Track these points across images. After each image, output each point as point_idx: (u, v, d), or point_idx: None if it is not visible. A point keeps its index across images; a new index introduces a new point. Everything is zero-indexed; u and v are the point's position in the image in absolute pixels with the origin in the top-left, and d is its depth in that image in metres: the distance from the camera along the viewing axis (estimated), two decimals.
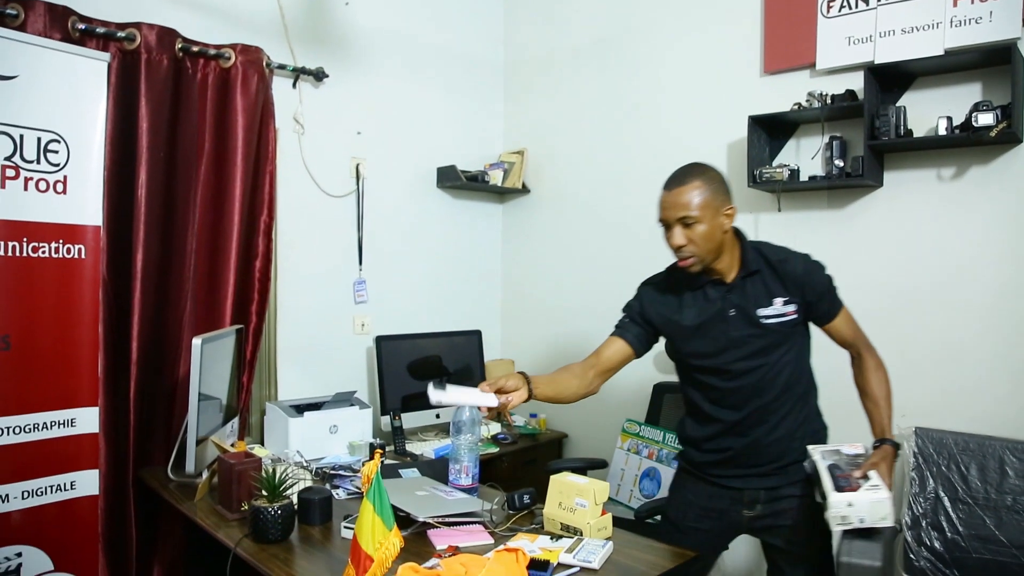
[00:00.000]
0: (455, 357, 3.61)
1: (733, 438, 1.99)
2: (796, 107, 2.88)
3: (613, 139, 3.65)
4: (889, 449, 1.87)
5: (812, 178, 2.85)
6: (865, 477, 1.78)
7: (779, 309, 1.91)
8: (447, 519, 1.97)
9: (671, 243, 1.90)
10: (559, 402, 2.05)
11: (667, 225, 1.91)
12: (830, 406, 2.12)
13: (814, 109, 2.81)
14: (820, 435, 2.06)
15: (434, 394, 1.86)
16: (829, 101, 2.79)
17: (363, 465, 2.70)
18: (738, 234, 1.98)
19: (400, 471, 2.51)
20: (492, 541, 1.90)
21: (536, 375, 2.00)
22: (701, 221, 1.85)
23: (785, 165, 2.88)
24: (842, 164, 2.77)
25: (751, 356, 1.93)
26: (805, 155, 2.96)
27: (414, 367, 3.41)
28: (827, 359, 2.09)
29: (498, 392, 1.89)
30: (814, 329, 2.04)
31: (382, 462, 1.97)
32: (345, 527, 1.97)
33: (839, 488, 1.75)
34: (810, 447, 1.94)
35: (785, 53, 3.03)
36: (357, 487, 2.35)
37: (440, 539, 1.89)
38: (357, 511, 2.00)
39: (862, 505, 1.72)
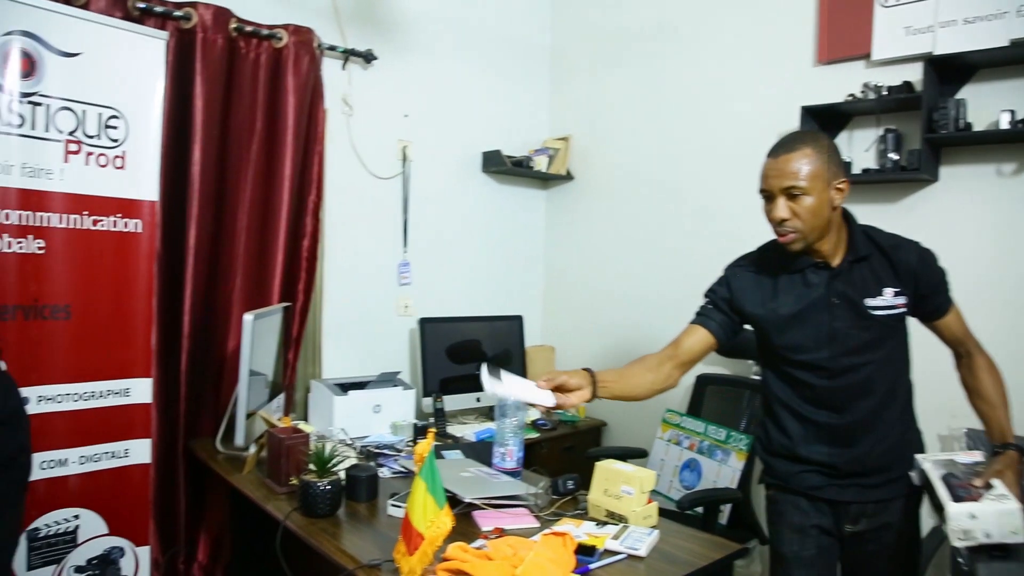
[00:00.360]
0: (496, 342, 3.63)
1: (835, 446, 1.78)
2: (850, 98, 2.83)
3: (661, 127, 3.62)
4: (1014, 455, 1.65)
5: (865, 171, 2.81)
6: (988, 486, 1.56)
7: (889, 300, 1.72)
8: (493, 501, 1.99)
9: (772, 216, 1.71)
10: (630, 399, 1.87)
11: (769, 196, 1.72)
12: None
13: (869, 100, 2.76)
14: (920, 442, 1.89)
15: (488, 382, 1.68)
16: (885, 93, 2.74)
17: (415, 444, 2.74)
18: (847, 215, 1.79)
19: (443, 452, 2.54)
20: (538, 525, 1.91)
21: (603, 371, 1.82)
22: (809, 193, 1.66)
23: None
24: (897, 157, 2.72)
25: (855, 351, 1.74)
26: (857, 147, 2.91)
27: (453, 351, 3.44)
28: None
29: (557, 389, 1.74)
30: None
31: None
32: (392, 505, 2.00)
33: (958, 498, 1.53)
34: (918, 456, 1.73)
35: (840, 43, 2.97)
36: (404, 467, 2.38)
37: (486, 521, 1.91)
38: (402, 490, 2.05)
39: (987, 517, 1.49)
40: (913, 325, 1.84)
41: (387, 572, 1.63)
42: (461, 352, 3.45)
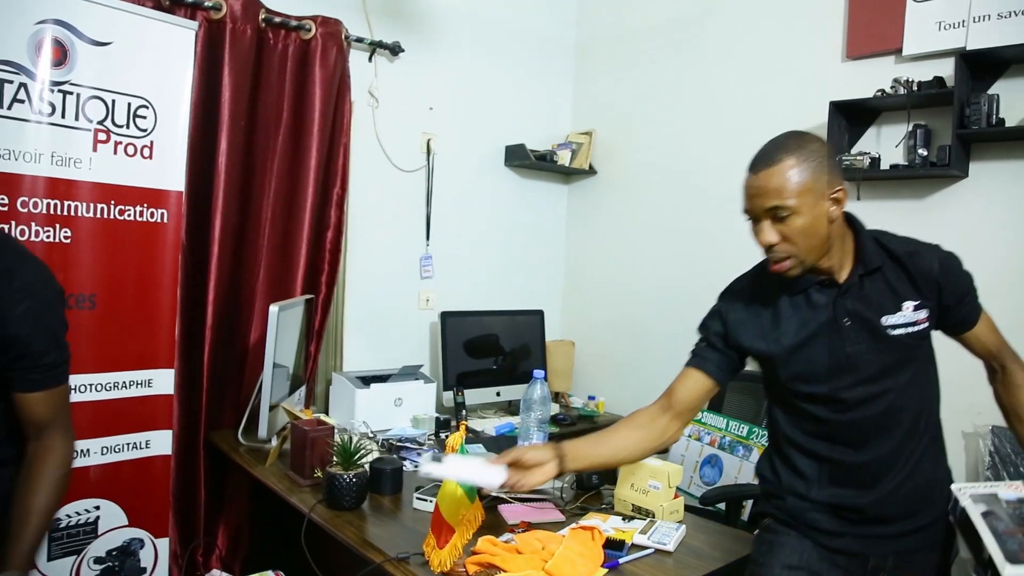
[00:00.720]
0: (516, 336, 3.62)
1: (853, 489, 1.53)
2: (879, 94, 2.80)
3: (685, 122, 3.59)
4: None
5: (894, 167, 2.77)
6: None
7: (909, 316, 1.48)
8: (518, 495, 1.98)
9: (759, 241, 1.48)
10: (618, 465, 1.70)
11: (754, 218, 1.48)
12: None
13: (899, 96, 2.73)
14: (950, 481, 1.59)
15: (428, 467, 1.55)
16: (916, 88, 2.70)
17: (437, 438, 2.74)
18: (851, 221, 1.54)
19: (466, 446, 2.52)
20: (564, 519, 1.90)
21: (577, 440, 1.63)
22: (798, 212, 1.41)
23: (866, 153, 2.81)
24: (926, 153, 2.68)
25: (873, 379, 1.49)
26: (885, 143, 2.88)
27: (471, 345, 3.43)
28: None
29: (515, 465, 1.54)
30: None
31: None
32: (418, 498, 1.99)
33: (1013, 557, 1.28)
34: (955, 487, 1.45)
35: (870, 38, 2.93)
36: (438, 458, 2.37)
37: (512, 515, 1.90)
38: (426, 483, 2.04)
39: None
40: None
41: (415, 565, 1.62)
42: (478, 347, 3.44)
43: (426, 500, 1.95)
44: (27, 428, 1.55)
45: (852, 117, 2.91)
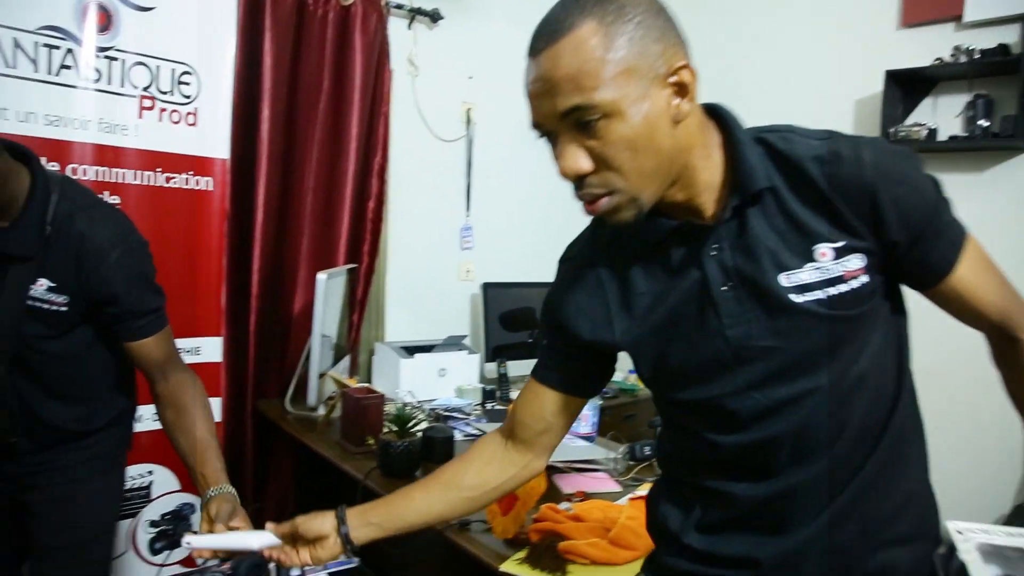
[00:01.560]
0: None
1: (748, 534, 0.99)
2: (938, 62, 2.72)
3: (734, 93, 3.50)
4: None
5: (952, 138, 2.70)
6: None
7: (828, 268, 0.89)
8: (574, 464, 1.96)
9: (561, 170, 0.91)
10: (426, 527, 1.19)
11: (547, 133, 0.92)
12: None
13: (959, 64, 2.65)
14: (932, 514, 1.03)
15: (188, 537, 1.19)
16: (978, 56, 2.62)
17: (483, 408, 2.71)
18: (717, 117, 0.96)
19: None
20: (620, 489, 1.88)
21: (374, 503, 1.18)
22: (616, 113, 0.84)
23: (922, 124, 2.73)
24: (988, 124, 2.61)
25: (776, 379, 0.93)
26: (942, 114, 2.80)
27: (506, 319, 3.40)
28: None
29: (290, 537, 1.16)
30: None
31: None
32: None
33: None
34: (952, 528, 0.88)
35: (927, 4, 2.84)
36: (480, 429, 2.36)
37: (567, 484, 1.88)
38: None
39: None
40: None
41: (476, 532, 1.61)
42: (513, 321, 3.41)
43: None
44: (151, 373, 1.54)
45: (908, 87, 2.83)
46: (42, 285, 1.44)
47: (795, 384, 0.92)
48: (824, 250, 0.89)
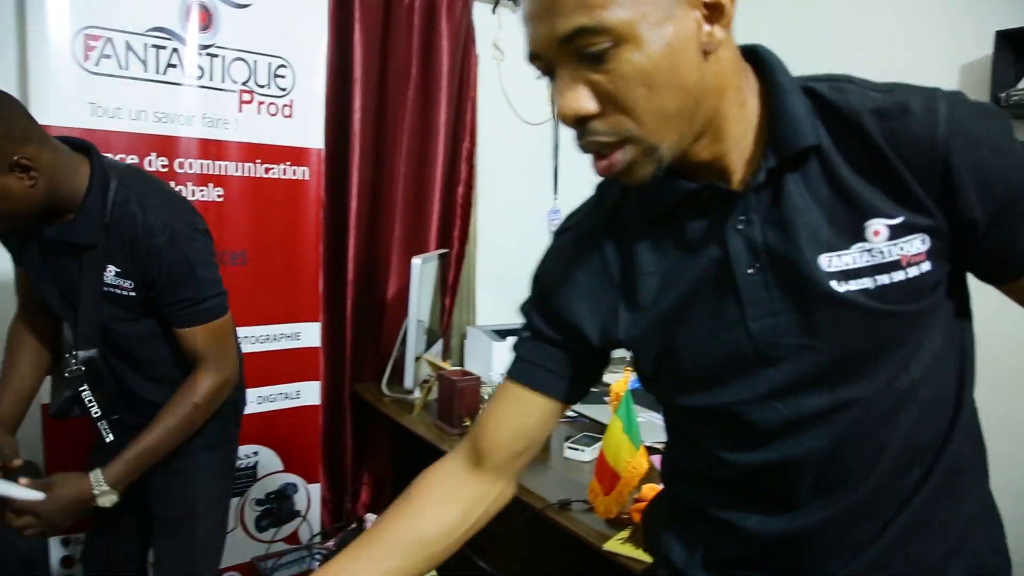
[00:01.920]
0: None
1: (765, 574, 0.85)
2: None
3: (821, 59, 3.37)
4: None
5: None
6: None
7: (882, 248, 0.72)
8: None
9: (560, 112, 0.72)
10: None
11: (546, 69, 0.74)
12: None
13: None
14: (996, 559, 0.85)
15: None
16: None
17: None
18: (757, 58, 0.79)
19: (604, 398, 2.50)
20: None
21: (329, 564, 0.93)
22: (630, 38, 0.66)
23: None
24: None
25: (806, 387, 0.76)
26: None
27: None
28: None
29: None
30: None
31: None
32: (569, 447, 1.98)
33: None
34: None
35: None
36: (574, 410, 2.36)
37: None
38: (575, 434, 2.03)
39: None
40: None
41: (577, 512, 1.61)
42: None
43: (578, 449, 1.94)
44: (187, 359, 1.59)
45: (1021, 49, 2.66)
46: (111, 271, 1.49)
47: (828, 394, 0.75)
48: (878, 227, 0.71)
